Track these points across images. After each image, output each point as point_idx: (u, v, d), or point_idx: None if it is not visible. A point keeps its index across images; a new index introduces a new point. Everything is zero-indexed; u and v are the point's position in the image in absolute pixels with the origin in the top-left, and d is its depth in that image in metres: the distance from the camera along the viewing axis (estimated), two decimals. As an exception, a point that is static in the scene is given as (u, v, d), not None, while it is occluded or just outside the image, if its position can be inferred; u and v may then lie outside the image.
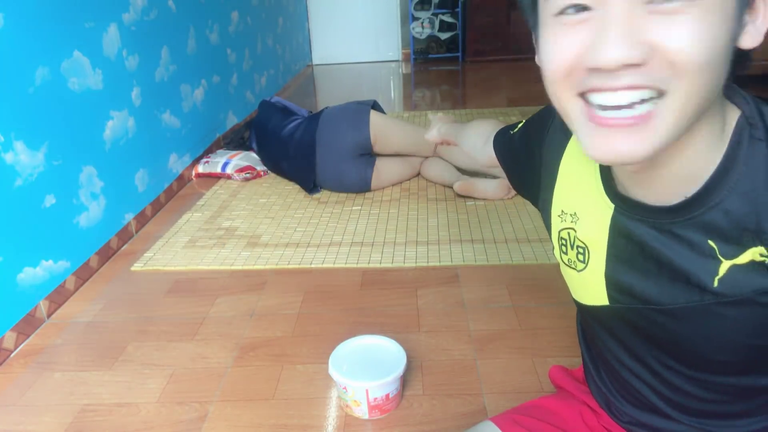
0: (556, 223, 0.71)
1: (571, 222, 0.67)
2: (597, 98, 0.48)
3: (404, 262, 1.89)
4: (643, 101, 0.46)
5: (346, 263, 1.91)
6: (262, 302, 1.72)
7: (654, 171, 0.54)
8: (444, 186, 2.47)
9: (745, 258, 0.52)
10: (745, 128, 0.52)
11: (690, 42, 0.43)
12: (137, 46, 2.30)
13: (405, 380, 1.33)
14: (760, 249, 0.52)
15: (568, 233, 0.68)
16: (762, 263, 0.52)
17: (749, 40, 0.48)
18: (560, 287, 1.69)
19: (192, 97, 2.82)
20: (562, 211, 0.69)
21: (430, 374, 1.37)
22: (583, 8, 0.46)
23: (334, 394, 1.33)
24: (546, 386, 1.30)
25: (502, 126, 0.96)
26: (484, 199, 2.31)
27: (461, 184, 2.33)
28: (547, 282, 1.72)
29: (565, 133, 0.70)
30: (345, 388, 1.22)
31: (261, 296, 1.75)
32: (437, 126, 1.31)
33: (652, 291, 0.59)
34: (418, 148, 2.51)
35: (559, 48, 0.48)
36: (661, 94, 0.46)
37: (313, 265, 1.91)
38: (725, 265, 0.53)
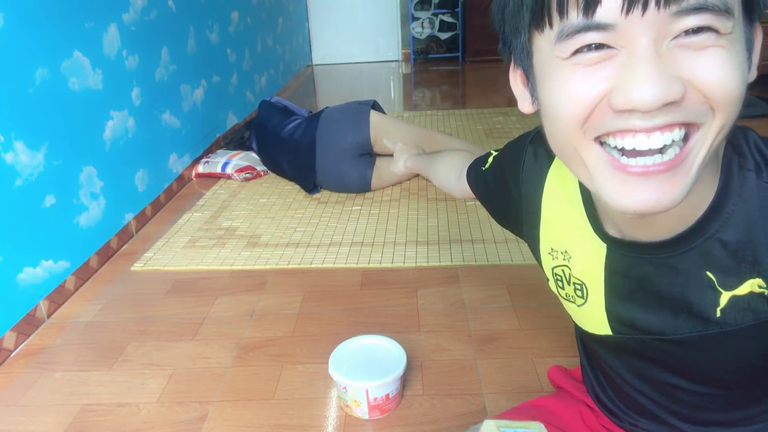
0: (547, 261, 0.70)
1: (564, 260, 0.65)
2: (621, 142, 0.44)
3: (404, 262, 1.89)
4: (673, 142, 0.43)
5: (346, 263, 1.91)
6: (262, 302, 1.72)
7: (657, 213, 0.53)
8: (444, 186, 2.46)
9: (744, 289, 0.51)
10: (734, 158, 0.51)
11: (725, 75, 0.42)
12: (137, 46, 2.30)
13: (405, 380, 1.33)
14: (758, 281, 0.51)
15: (563, 270, 0.66)
16: (761, 294, 0.51)
17: (750, 76, 0.47)
18: (560, 287, 1.69)
19: (192, 97, 2.82)
20: (552, 248, 0.67)
21: (430, 374, 1.37)
22: (600, 46, 0.42)
23: (334, 394, 1.33)
24: (546, 386, 1.30)
25: (471, 158, 0.91)
26: (484, 199, 2.31)
27: (461, 184, 2.32)
28: (546, 282, 1.72)
29: (542, 170, 0.67)
30: (345, 388, 1.22)
31: (261, 296, 1.75)
32: (403, 158, 1.29)
33: (655, 323, 0.58)
34: (418, 148, 2.50)
35: (577, 90, 0.44)
36: (691, 130, 0.44)
37: (313, 265, 1.91)
38: (725, 296, 0.53)
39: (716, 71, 0.41)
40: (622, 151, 0.45)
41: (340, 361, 1.26)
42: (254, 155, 2.79)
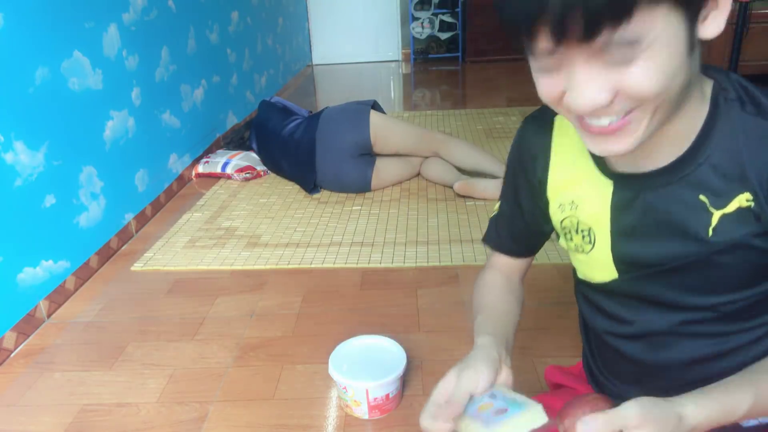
0: (556, 216, 0.76)
1: (571, 210, 0.72)
2: (585, 119, 0.57)
3: (404, 262, 1.89)
4: (617, 118, 0.55)
5: (346, 263, 1.91)
6: (262, 302, 1.72)
7: (648, 140, 0.59)
8: (444, 186, 2.47)
9: (732, 206, 0.59)
10: (720, 93, 0.60)
11: (647, 81, 0.51)
12: (137, 46, 2.30)
13: (405, 380, 1.33)
14: (746, 195, 0.59)
15: (570, 221, 0.73)
16: (748, 208, 0.59)
17: (714, 30, 0.54)
18: (560, 287, 1.70)
19: (192, 97, 2.82)
20: (560, 203, 0.74)
21: (430, 374, 1.37)
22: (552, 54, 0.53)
23: (334, 394, 1.33)
24: (546, 386, 1.29)
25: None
26: (484, 199, 2.31)
27: (461, 184, 2.33)
28: (546, 282, 1.72)
29: (545, 134, 0.75)
30: (345, 388, 1.23)
31: (261, 296, 1.75)
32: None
33: (656, 255, 0.65)
34: (418, 148, 2.51)
35: (544, 89, 0.57)
36: (630, 111, 0.55)
37: (313, 265, 1.91)
38: (716, 216, 0.60)
39: (638, 81, 0.51)
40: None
41: (340, 361, 1.26)
42: (254, 155, 2.79)
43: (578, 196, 0.71)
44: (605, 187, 0.68)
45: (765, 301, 0.65)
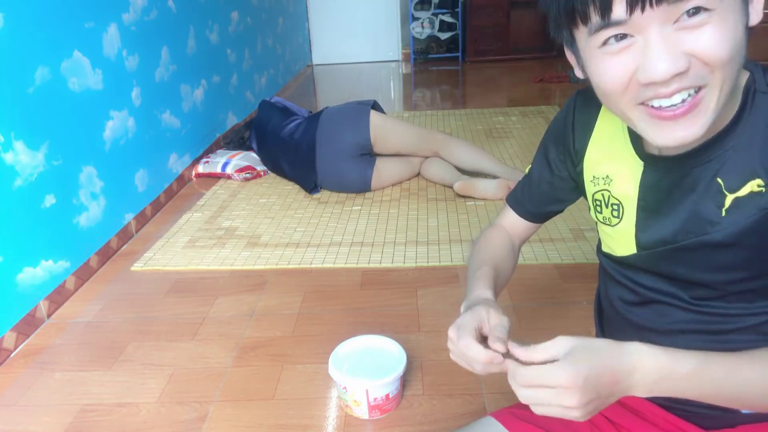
0: (589, 188, 0.81)
1: (604, 184, 0.78)
2: (653, 102, 0.59)
3: (404, 262, 1.89)
4: (689, 96, 0.57)
5: (346, 263, 1.91)
6: (262, 302, 1.72)
7: None
8: (444, 186, 2.47)
9: (745, 190, 0.63)
10: (751, 85, 0.64)
11: (718, 45, 0.55)
12: (137, 46, 2.30)
13: (405, 380, 1.33)
14: (758, 181, 0.62)
15: (602, 194, 0.78)
16: (759, 192, 0.62)
17: (755, 18, 0.58)
18: (560, 287, 1.70)
19: (192, 97, 2.82)
20: (594, 176, 0.79)
21: (430, 374, 1.37)
22: (623, 36, 0.57)
23: (334, 394, 1.33)
24: (546, 386, 1.30)
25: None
26: (484, 199, 2.31)
27: (461, 184, 2.33)
28: (547, 282, 1.72)
29: (591, 112, 0.79)
30: (345, 388, 1.23)
31: (261, 296, 1.75)
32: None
33: (671, 232, 0.70)
34: (418, 148, 2.51)
35: (612, 73, 0.59)
36: (701, 87, 0.57)
37: (313, 265, 1.91)
38: (729, 198, 0.64)
39: (710, 44, 0.55)
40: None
41: (340, 361, 1.26)
42: (254, 155, 2.79)
43: (612, 172, 0.76)
44: (637, 167, 0.73)
45: None
